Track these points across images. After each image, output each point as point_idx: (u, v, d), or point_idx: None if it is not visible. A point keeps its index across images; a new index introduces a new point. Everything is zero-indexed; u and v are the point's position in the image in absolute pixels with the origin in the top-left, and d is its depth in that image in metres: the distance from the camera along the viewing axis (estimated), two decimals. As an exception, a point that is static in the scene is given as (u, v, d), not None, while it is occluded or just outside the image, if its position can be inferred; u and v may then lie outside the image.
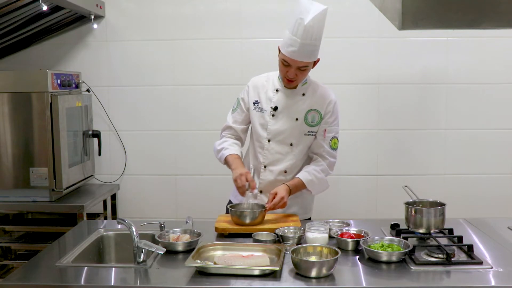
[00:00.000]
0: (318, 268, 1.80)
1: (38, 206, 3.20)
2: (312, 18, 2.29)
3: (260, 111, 2.57)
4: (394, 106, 3.68)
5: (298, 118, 2.52)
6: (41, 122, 3.12)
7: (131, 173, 3.80)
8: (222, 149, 2.59)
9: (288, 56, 2.37)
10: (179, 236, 2.19)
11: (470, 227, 2.44)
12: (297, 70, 2.41)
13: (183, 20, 3.67)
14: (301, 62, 2.37)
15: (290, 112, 2.53)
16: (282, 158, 2.55)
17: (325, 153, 2.56)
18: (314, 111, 2.54)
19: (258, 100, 2.58)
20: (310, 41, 2.32)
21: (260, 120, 2.57)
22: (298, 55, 2.35)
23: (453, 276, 1.86)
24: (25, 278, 1.88)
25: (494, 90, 3.65)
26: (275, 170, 2.56)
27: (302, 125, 2.53)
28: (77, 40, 3.72)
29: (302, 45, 2.32)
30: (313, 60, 2.42)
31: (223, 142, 2.63)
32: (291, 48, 2.34)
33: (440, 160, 3.71)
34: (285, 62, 2.41)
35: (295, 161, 2.56)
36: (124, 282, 1.87)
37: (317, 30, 2.33)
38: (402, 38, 3.58)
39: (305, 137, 2.54)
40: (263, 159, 2.57)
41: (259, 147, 2.58)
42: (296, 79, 2.45)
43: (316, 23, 2.31)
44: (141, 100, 3.75)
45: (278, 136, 2.54)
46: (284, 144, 2.54)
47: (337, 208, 3.70)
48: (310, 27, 2.30)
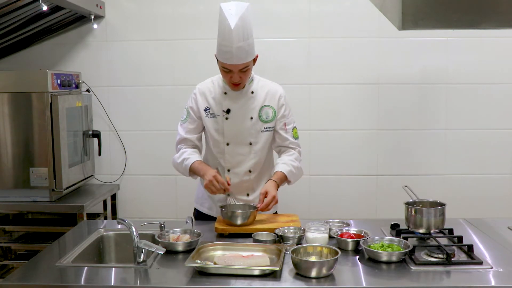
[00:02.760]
0: (318, 268, 1.80)
1: (38, 206, 3.20)
2: (237, 20, 2.30)
3: (212, 116, 2.56)
4: (394, 106, 3.68)
5: (252, 117, 2.53)
6: (41, 122, 3.12)
7: (131, 173, 3.80)
8: (184, 160, 2.55)
9: (227, 63, 2.37)
10: (179, 236, 2.19)
11: (470, 227, 2.44)
12: (240, 72, 2.41)
13: (183, 20, 3.67)
14: (241, 65, 2.38)
15: (243, 112, 2.53)
16: (244, 158, 2.55)
17: (291, 144, 2.59)
18: (267, 107, 2.55)
19: (208, 106, 2.57)
20: (242, 42, 2.33)
21: (214, 126, 2.55)
22: (236, 59, 2.35)
23: (453, 276, 1.86)
24: (25, 278, 1.88)
25: (494, 90, 3.64)
26: (239, 171, 2.55)
27: (258, 123, 2.54)
28: (77, 40, 3.72)
29: (236, 49, 2.32)
30: (252, 58, 2.43)
31: (182, 154, 2.58)
32: (227, 55, 2.35)
33: (440, 160, 3.71)
34: (225, 69, 2.42)
35: (258, 159, 2.57)
36: (124, 282, 1.87)
37: (246, 28, 2.34)
38: (402, 38, 3.58)
39: (263, 134, 2.55)
40: (225, 163, 2.56)
41: (218, 152, 2.57)
42: (241, 81, 2.46)
43: (243, 23, 2.32)
44: (141, 100, 3.75)
45: (236, 138, 2.54)
46: (243, 145, 2.54)
47: (337, 208, 3.70)
48: (238, 29, 2.30)
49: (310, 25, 3.62)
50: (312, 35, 3.63)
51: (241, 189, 2.55)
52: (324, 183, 3.75)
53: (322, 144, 3.70)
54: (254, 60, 2.47)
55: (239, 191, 2.55)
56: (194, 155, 2.57)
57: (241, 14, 2.31)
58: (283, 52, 3.64)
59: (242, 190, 2.57)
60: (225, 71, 2.43)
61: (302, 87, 3.66)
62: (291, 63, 3.65)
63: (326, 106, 3.68)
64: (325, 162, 3.72)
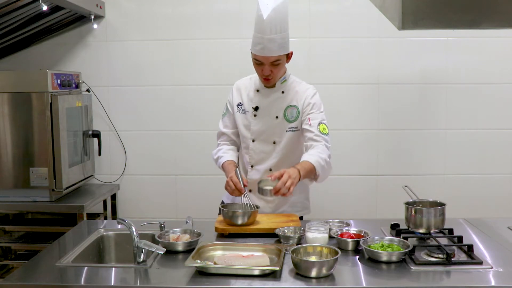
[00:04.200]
0: (318, 268, 1.80)
1: (38, 206, 3.20)
2: (270, 11, 2.31)
3: (243, 112, 2.60)
4: (394, 106, 3.68)
5: (278, 116, 2.55)
6: (41, 122, 3.12)
7: (131, 173, 3.80)
8: (218, 158, 2.63)
9: (257, 54, 2.40)
10: (179, 236, 2.19)
11: (470, 227, 2.44)
12: (271, 66, 2.43)
13: (183, 20, 3.67)
14: (271, 57, 2.39)
15: (270, 110, 2.56)
16: (266, 156, 2.58)
17: (316, 137, 2.49)
18: (292, 107, 2.57)
19: (241, 102, 2.62)
20: (275, 34, 2.34)
21: (244, 122, 2.60)
22: (266, 51, 2.37)
23: (453, 276, 1.86)
24: (25, 278, 1.88)
25: (494, 90, 3.65)
26: (261, 169, 2.59)
27: (283, 122, 2.56)
28: (77, 40, 3.73)
29: (268, 41, 2.34)
30: (284, 53, 2.43)
31: (218, 151, 2.66)
32: (258, 46, 2.37)
33: (440, 160, 3.71)
34: (257, 61, 2.45)
35: (280, 159, 2.58)
36: (124, 282, 1.87)
37: (280, 22, 2.35)
38: (402, 38, 3.58)
39: (287, 134, 2.56)
40: (249, 159, 2.61)
41: (245, 148, 2.62)
42: (272, 75, 2.47)
43: (277, 15, 2.33)
44: (141, 100, 3.75)
45: (261, 135, 2.57)
46: (267, 143, 2.57)
47: (337, 208, 3.70)
48: (271, 21, 2.32)
49: (310, 25, 3.63)
50: (312, 35, 3.63)
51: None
52: (324, 183, 3.72)
53: (322, 144, 3.70)
54: (288, 57, 2.48)
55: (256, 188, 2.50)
56: (228, 153, 2.62)
57: (275, 6, 2.32)
58: (283, 52, 3.64)
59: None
60: (257, 63, 2.45)
61: (302, 87, 3.66)
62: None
63: (326, 106, 3.62)
64: (325, 162, 3.72)
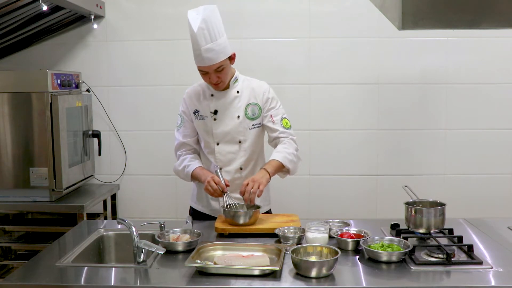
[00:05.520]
0: (318, 268, 1.80)
1: (38, 206, 3.20)
2: (200, 23, 2.36)
3: (201, 119, 2.62)
4: (394, 106, 3.67)
5: (239, 115, 2.58)
6: (41, 122, 3.12)
7: (131, 173, 3.80)
8: (184, 167, 2.61)
9: (199, 65, 2.45)
10: (179, 236, 2.19)
11: (470, 227, 2.44)
12: (216, 72, 2.47)
13: (183, 20, 3.63)
14: (213, 65, 2.43)
15: (230, 111, 2.59)
16: (234, 157, 2.60)
17: (282, 134, 2.60)
18: (253, 104, 2.60)
19: (197, 109, 2.63)
20: (210, 44, 2.39)
21: (204, 127, 2.61)
22: (207, 61, 2.41)
23: (453, 276, 1.86)
24: (25, 278, 1.88)
25: (494, 90, 3.64)
26: (230, 169, 2.60)
27: (245, 121, 2.58)
28: (77, 40, 3.72)
29: (205, 51, 2.39)
30: (225, 58, 2.46)
31: (182, 162, 2.64)
32: (198, 58, 2.43)
33: (440, 160, 3.71)
34: (201, 72, 2.49)
35: (248, 157, 2.61)
36: (124, 282, 1.87)
37: (212, 30, 2.40)
38: (402, 38, 3.58)
39: (251, 131, 2.60)
40: (217, 162, 2.61)
41: (209, 153, 2.64)
42: (220, 80, 2.51)
43: (208, 25, 2.38)
44: (141, 100, 3.75)
45: (225, 137, 2.59)
46: (232, 143, 2.59)
47: (337, 208, 3.70)
48: (202, 32, 2.37)
49: (310, 25, 3.62)
50: (312, 35, 3.63)
51: (233, 187, 2.55)
52: (324, 183, 3.75)
53: (322, 144, 3.70)
54: (231, 59, 2.52)
55: (230, 190, 2.53)
56: (194, 161, 2.63)
57: (204, 17, 2.38)
58: (283, 52, 3.64)
59: (235, 188, 2.55)
60: (203, 73, 2.50)
61: (302, 87, 3.66)
62: (291, 63, 3.65)
63: (326, 106, 3.68)
64: (325, 162, 3.72)
